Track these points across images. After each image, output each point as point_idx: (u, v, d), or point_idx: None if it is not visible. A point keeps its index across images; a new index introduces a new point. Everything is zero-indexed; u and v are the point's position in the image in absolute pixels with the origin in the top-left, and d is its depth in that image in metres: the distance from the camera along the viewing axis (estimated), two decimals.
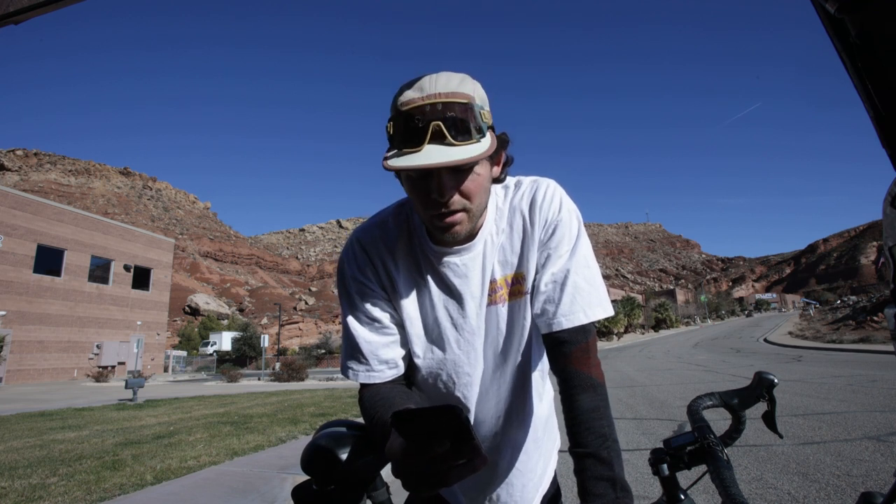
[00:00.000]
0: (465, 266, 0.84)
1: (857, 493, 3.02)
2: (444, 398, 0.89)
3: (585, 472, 0.71)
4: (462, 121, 0.68)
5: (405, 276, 0.85)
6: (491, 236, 0.85)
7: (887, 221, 0.58)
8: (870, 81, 0.51)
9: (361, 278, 0.84)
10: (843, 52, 0.53)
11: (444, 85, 0.70)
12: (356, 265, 0.85)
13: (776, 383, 0.75)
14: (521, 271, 0.85)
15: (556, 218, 0.83)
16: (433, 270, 0.85)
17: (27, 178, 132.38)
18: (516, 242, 0.85)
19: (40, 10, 0.68)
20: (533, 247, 0.84)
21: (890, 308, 1.09)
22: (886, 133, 0.54)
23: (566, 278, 0.81)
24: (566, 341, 0.79)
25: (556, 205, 0.84)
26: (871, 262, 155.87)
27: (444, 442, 0.39)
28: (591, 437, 0.73)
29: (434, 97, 0.69)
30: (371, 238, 0.86)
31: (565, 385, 0.78)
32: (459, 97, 0.69)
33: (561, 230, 0.83)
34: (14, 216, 22.51)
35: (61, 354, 24.37)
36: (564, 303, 0.80)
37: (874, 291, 46.24)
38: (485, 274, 0.84)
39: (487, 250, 0.85)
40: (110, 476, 4.38)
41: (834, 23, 0.51)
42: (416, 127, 0.68)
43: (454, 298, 0.85)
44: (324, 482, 0.76)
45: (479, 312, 0.85)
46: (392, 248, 0.85)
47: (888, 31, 0.47)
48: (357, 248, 0.86)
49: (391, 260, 0.85)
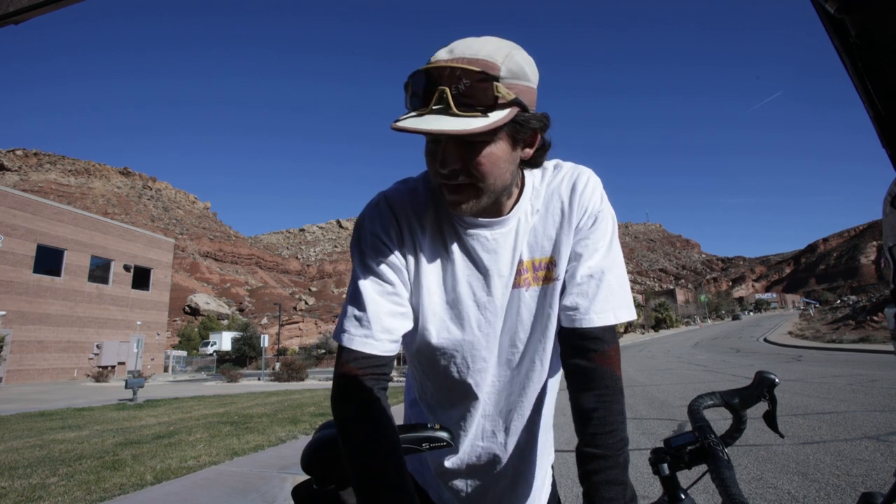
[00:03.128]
0: (495, 241, 0.78)
1: (856, 492, 3.02)
2: (455, 384, 0.83)
3: (599, 475, 0.69)
4: (468, 90, 0.63)
5: (430, 245, 0.79)
6: (525, 215, 0.80)
7: (887, 221, 0.58)
8: (870, 82, 0.51)
9: (383, 237, 0.77)
10: (844, 53, 0.53)
11: (472, 50, 0.65)
12: (379, 223, 0.78)
13: (777, 383, 0.75)
14: (554, 256, 0.80)
15: (599, 208, 0.80)
16: (461, 242, 0.79)
17: (27, 178, 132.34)
18: (550, 227, 0.80)
19: (40, 10, 0.68)
20: (569, 233, 0.79)
21: (890, 308, 1.09)
22: (886, 133, 0.54)
23: (603, 275, 0.77)
24: (597, 339, 0.75)
25: (598, 195, 0.81)
26: (872, 262, 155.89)
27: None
28: (612, 440, 0.71)
29: (454, 61, 0.64)
30: (400, 199, 0.80)
31: (587, 382, 0.74)
32: (477, 64, 0.64)
33: (602, 223, 0.80)
34: (14, 216, 22.51)
35: (61, 354, 24.36)
36: (599, 300, 0.76)
37: (874, 291, 46.24)
38: (515, 252, 0.79)
39: (521, 228, 0.80)
40: (110, 476, 4.38)
41: (834, 23, 0.51)
42: (424, 89, 0.64)
43: (481, 274, 0.79)
44: (324, 482, 0.76)
45: (504, 293, 0.79)
46: (420, 214, 0.79)
47: (888, 30, 0.47)
48: (384, 206, 0.79)
49: (418, 225, 0.79)
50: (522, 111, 0.68)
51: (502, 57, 0.66)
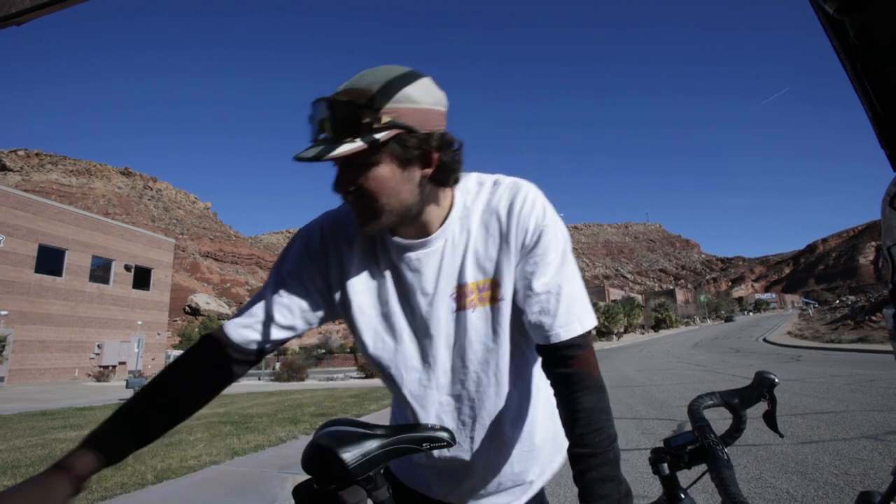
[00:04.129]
0: (419, 261, 0.83)
1: (855, 491, 3.03)
2: (399, 394, 0.88)
3: (591, 472, 0.70)
4: (341, 118, 0.69)
5: (361, 266, 0.85)
6: (454, 235, 0.83)
7: (886, 222, 0.58)
8: (869, 82, 0.52)
9: (305, 261, 0.85)
10: (842, 53, 0.53)
11: (354, 81, 0.71)
12: (306, 251, 0.86)
13: (777, 383, 0.75)
14: (496, 277, 0.82)
15: (542, 224, 0.81)
16: (389, 261, 0.85)
17: (29, 178, 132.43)
18: (491, 247, 0.83)
19: (42, 12, 0.68)
20: (510, 253, 0.81)
21: (888, 308, 1.08)
22: (885, 134, 0.54)
23: (560, 289, 0.79)
24: (570, 348, 0.78)
25: (539, 210, 0.82)
26: (870, 263, 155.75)
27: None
28: (598, 438, 0.72)
29: (336, 94, 0.71)
30: (332, 225, 0.87)
31: (568, 386, 0.76)
32: (349, 94, 0.70)
33: (548, 236, 0.81)
34: (16, 216, 22.53)
35: (62, 354, 24.38)
36: (561, 314, 0.78)
37: (872, 291, 46.22)
38: (441, 272, 0.83)
39: (447, 249, 0.83)
40: (111, 475, 4.39)
41: (833, 24, 0.51)
42: (313, 122, 0.71)
43: (407, 291, 0.84)
44: (324, 482, 0.76)
45: (429, 310, 0.84)
46: (351, 237, 0.86)
47: (887, 31, 0.47)
48: (316, 233, 0.87)
49: (348, 248, 0.85)
50: (408, 132, 0.71)
51: (380, 85, 0.70)
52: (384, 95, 0.70)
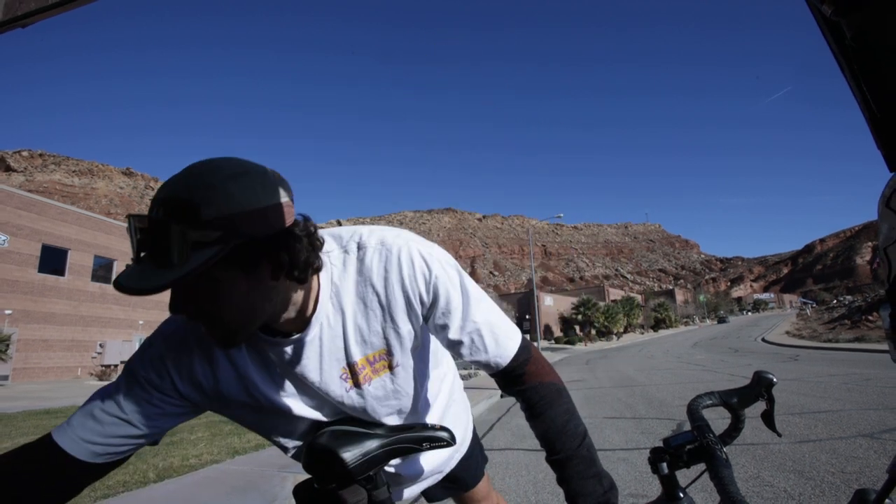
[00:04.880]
0: (296, 353, 0.76)
1: (851, 489, 3.03)
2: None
3: (571, 474, 0.73)
4: (162, 240, 0.57)
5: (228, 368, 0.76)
6: (328, 317, 0.76)
7: (882, 222, 0.58)
8: (865, 83, 0.52)
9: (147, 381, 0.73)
10: (839, 55, 0.53)
11: (173, 188, 0.59)
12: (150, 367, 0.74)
13: (775, 382, 0.75)
14: (384, 348, 0.80)
15: (430, 278, 0.76)
16: (266, 365, 0.78)
17: (32, 178, 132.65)
18: (374, 321, 0.78)
19: (47, 14, 0.69)
20: (397, 323, 0.78)
21: (884, 308, 1.09)
22: (882, 134, 0.55)
23: (478, 325, 0.79)
24: (515, 367, 0.80)
25: (420, 266, 0.76)
26: (867, 263, 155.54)
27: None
28: (568, 441, 0.75)
29: (155, 206, 0.59)
30: (178, 347, 0.75)
31: (531, 402, 0.79)
32: (168, 207, 0.58)
33: (442, 286, 0.77)
34: (19, 216, 22.60)
35: (65, 353, 24.44)
36: (490, 345, 0.79)
37: (869, 291, 46.16)
38: (323, 357, 0.77)
39: (324, 334, 0.77)
40: (113, 473, 4.40)
41: (830, 25, 0.52)
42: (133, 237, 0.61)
43: (298, 388, 0.80)
44: (325, 481, 0.77)
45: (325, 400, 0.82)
46: (208, 345, 0.75)
47: (883, 33, 0.48)
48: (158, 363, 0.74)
49: (206, 357, 0.75)
50: (247, 241, 0.61)
51: (204, 191, 0.58)
52: (210, 203, 0.58)
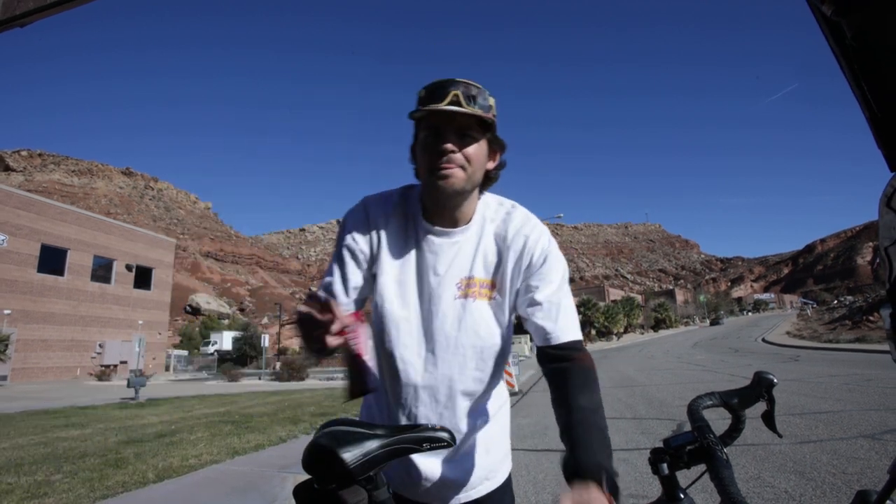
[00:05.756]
0: (439, 247, 0.97)
1: (852, 490, 3.03)
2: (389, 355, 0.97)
3: (584, 433, 0.77)
4: (474, 95, 0.88)
5: (394, 239, 1.00)
6: (472, 234, 0.99)
7: (883, 222, 0.58)
8: (866, 83, 0.52)
9: (353, 239, 0.99)
10: (840, 54, 0.53)
11: (466, 80, 0.90)
12: (355, 227, 1.00)
13: (775, 383, 0.75)
14: (494, 280, 0.98)
15: (548, 249, 0.98)
16: (416, 241, 0.99)
17: (32, 178, 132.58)
18: (497, 257, 0.98)
19: (45, 13, 0.69)
20: (508, 265, 0.97)
21: (885, 308, 1.08)
22: (882, 134, 0.54)
23: (560, 301, 0.94)
24: (570, 349, 0.90)
25: (545, 240, 0.98)
26: (868, 263, 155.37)
27: None
28: (594, 397, 0.83)
29: (459, 79, 0.89)
30: (376, 203, 1.02)
31: (564, 379, 0.86)
32: (475, 84, 0.90)
33: (553, 260, 0.97)
34: (19, 216, 22.58)
35: (65, 353, 24.42)
36: (561, 321, 0.92)
37: (870, 291, 46.10)
38: (454, 261, 0.97)
39: (464, 244, 0.98)
40: (113, 474, 4.40)
41: (830, 25, 0.52)
42: (440, 91, 0.88)
43: (424, 269, 0.98)
44: (325, 481, 0.76)
45: (437, 290, 0.96)
46: (388, 215, 1.00)
47: (883, 33, 0.48)
48: (361, 210, 1.01)
49: (385, 223, 1.00)
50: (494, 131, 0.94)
51: (484, 90, 0.92)
52: (488, 99, 0.91)
